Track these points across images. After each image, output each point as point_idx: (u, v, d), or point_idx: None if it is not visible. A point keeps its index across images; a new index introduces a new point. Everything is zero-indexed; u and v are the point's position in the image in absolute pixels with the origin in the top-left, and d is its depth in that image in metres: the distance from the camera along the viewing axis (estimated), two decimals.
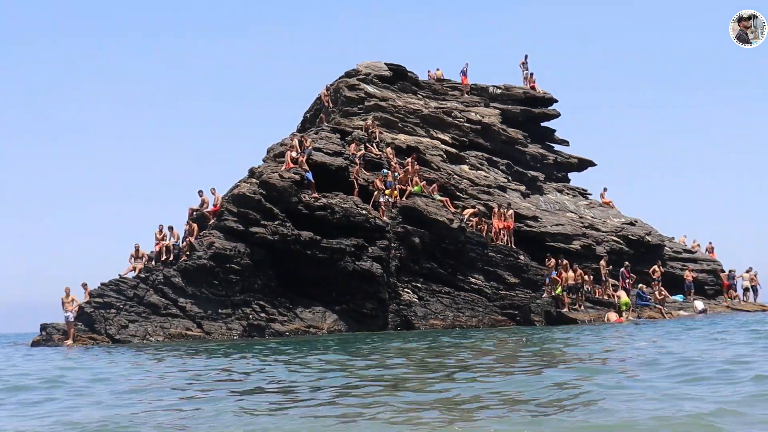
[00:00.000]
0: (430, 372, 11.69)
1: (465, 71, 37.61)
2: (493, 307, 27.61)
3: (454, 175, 32.40)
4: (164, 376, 12.82)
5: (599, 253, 31.60)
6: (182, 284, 25.75)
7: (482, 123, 35.07)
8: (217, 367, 13.86)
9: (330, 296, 26.46)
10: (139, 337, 24.67)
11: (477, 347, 16.49)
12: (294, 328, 25.38)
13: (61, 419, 8.40)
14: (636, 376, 10.07)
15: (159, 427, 7.63)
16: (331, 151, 29.51)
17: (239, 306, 25.71)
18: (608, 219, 34.90)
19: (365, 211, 27.23)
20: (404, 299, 27.09)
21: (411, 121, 33.96)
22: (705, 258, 36.53)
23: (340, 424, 7.39)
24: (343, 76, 35.41)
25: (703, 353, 12.33)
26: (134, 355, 18.32)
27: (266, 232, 26.06)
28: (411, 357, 14.44)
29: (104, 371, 13.90)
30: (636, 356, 12.71)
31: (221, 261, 25.68)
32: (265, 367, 13.36)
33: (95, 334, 25.00)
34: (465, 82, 37.52)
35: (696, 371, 10.01)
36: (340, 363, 13.62)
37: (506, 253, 28.93)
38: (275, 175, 27.06)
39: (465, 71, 37.61)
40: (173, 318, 25.37)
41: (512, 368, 11.68)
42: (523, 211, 31.91)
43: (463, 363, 12.80)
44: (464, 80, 37.56)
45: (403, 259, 27.51)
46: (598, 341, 16.99)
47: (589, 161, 39.08)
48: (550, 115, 38.40)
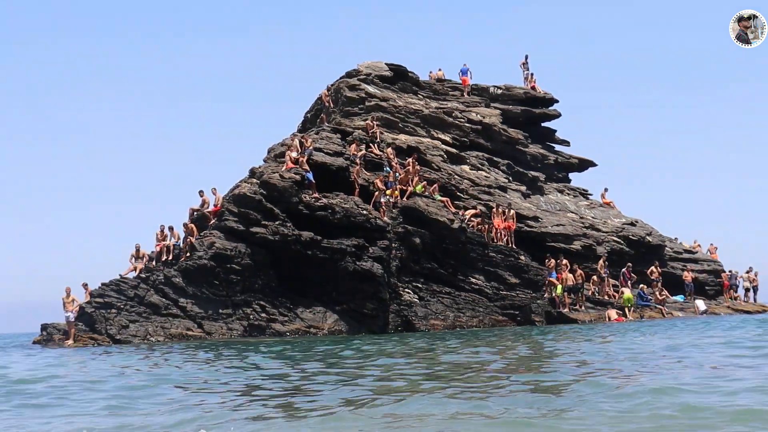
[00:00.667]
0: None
1: (465, 72, 37.46)
2: (493, 308, 27.62)
3: (455, 175, 32.39)
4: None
5: (600, 254, 31.63)
6: (183, 284, 25.77)
7: (483, 123, 35.05)
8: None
9: (330, 296, 26.45)
10: (140, 338, 24.69)
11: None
12: (294, 328, 25.39)
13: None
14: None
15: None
16: (331, 151, 29.52)
17: (240, 306, 25.72)
18: (609, 219, 34.90)
19: (366, 212, 27.23)
20: (405, 299, 27.08)
21: (411, 122, 33.94)
22: (706, 258, 36.53)
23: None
24: (344, 76, 35.38)
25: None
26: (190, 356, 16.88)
27: (267, 232, 26.07)
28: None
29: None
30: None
31: (222, 261, 25.70)
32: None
33: (96, 334, 25.01)
34: (466, 82, 37.42)
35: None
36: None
37: (507, 254, 28.92)
38: (276, 176, 27.07)
39: (465, 72, 37.46)
40: (174, 318, 25.39)
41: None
42: (523, 211, 31.91)
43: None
44: (465, 81, 37.45)
45: (403, 259, 27.50)
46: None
47: (590, 161, 39.06)
48: (550, 115, 38.38)
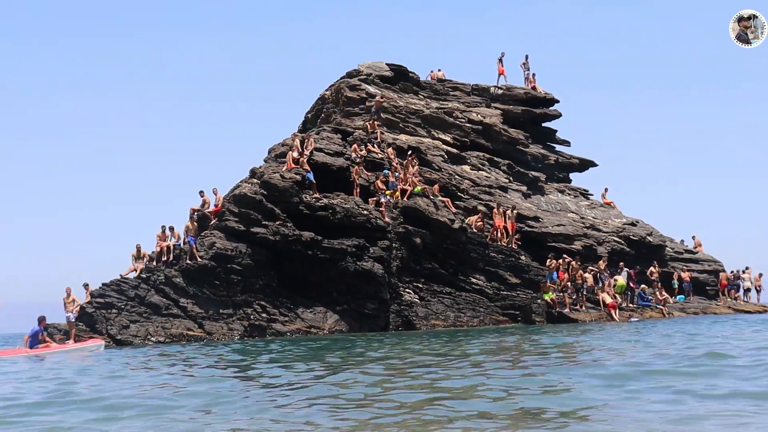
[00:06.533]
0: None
1: (501, 59, 38.28)
2: (494, 308, 27.64)
3: (455, 175, 32.39)
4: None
5: (600, 254, 31.61)
6: (183, 284, 25.77)
7: (483, 123, 35.06)
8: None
9: (331, 296, 26.46)
10: (141, 338, 24.69)
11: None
12: (295, 328, 25.40)
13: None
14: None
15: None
16: (332, 151, 29.54)
17: (240, 306, 25.73)
18: (609, 219, 34.89)
19: (366, 212, 27.24)
20: (405, 299, 27.09)
21: (412, 122, 33.95)
22: (706, 258, 36.51)
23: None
24: (345, 76, 35.41)
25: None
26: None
27: (267, 232, 26.08)
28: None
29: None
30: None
31: (222, 261, 25.71)
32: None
33: (96, 334, 24.99)
34: (501, 71, 38.20)
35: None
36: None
37: (507, 254, 28.93)
38: (276, 176, 27.09)
39: (501, 59, 38.28)
40: (174, 318, 25.39)
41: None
42: (524, 211, 31.92)
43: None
44: (501, 69, 38.21)
45: (404, 259, 27.51)
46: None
47: (591, 161, 39.06)
48: (551, 115, 38.38)
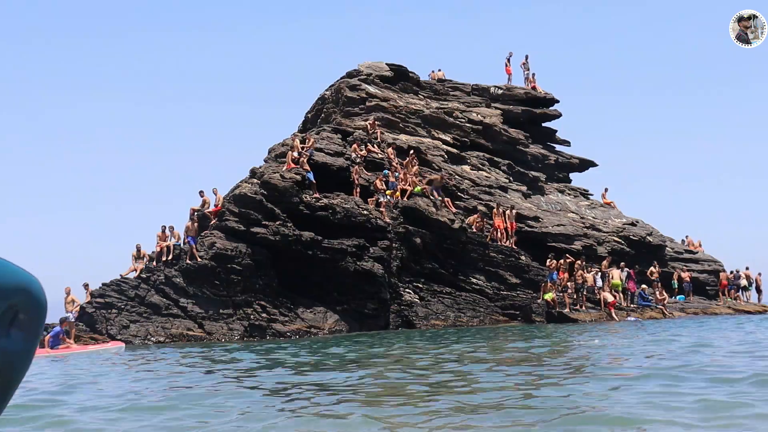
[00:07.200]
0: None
1: (509, 59, 38.51)
2: (494, 308, 27.63)
3: (456, 175, 32.39)
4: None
5: (600, 254, 31.59)
6: (183, 284, 25.77)
7: (483, 123, 35.06)
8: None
9: (331, 296, 26.46)
10: (141, 338, 24.69)
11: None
12: (295, 328, 25.39)
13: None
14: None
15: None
16: (332, 151, 29.54)
17: (240, 306, 25.72)
18: (609, 219, 34.87)
19: (366, 212, 27.24)
20: (405, 299, 27.09)
21: (412, 122, 33.95)
22: (707, 258, 36.49)
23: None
24: (345, 76, 35.41)
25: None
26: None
27: (267, 232, 26.08)
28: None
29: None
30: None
31: (222, 261, 25.71)
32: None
33: (96, 334, 25.01)
34: (509, 71, 38.38)
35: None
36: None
37: (507, 254, 28.92)
38: (276, 176, 27.08)
39: (509, 59, 38.51)
40: (174, 318, 25.39)
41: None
42: (524, 211, 31.91)
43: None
44: (508, 70, 38.40)
45: (404, 259, 27.51)
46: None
47: (591, 161, 39.05)
48: (551, 115, 38.37)
